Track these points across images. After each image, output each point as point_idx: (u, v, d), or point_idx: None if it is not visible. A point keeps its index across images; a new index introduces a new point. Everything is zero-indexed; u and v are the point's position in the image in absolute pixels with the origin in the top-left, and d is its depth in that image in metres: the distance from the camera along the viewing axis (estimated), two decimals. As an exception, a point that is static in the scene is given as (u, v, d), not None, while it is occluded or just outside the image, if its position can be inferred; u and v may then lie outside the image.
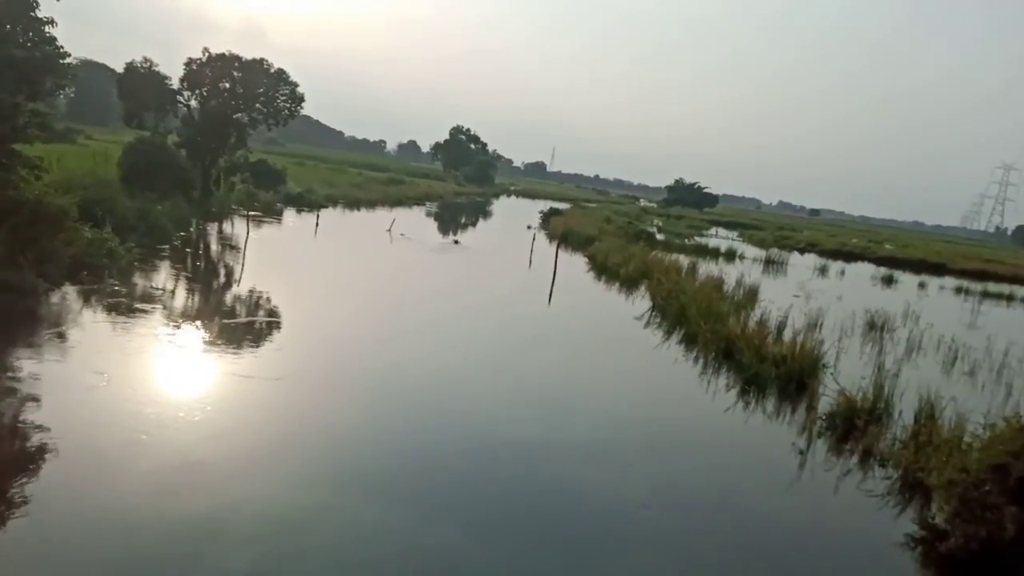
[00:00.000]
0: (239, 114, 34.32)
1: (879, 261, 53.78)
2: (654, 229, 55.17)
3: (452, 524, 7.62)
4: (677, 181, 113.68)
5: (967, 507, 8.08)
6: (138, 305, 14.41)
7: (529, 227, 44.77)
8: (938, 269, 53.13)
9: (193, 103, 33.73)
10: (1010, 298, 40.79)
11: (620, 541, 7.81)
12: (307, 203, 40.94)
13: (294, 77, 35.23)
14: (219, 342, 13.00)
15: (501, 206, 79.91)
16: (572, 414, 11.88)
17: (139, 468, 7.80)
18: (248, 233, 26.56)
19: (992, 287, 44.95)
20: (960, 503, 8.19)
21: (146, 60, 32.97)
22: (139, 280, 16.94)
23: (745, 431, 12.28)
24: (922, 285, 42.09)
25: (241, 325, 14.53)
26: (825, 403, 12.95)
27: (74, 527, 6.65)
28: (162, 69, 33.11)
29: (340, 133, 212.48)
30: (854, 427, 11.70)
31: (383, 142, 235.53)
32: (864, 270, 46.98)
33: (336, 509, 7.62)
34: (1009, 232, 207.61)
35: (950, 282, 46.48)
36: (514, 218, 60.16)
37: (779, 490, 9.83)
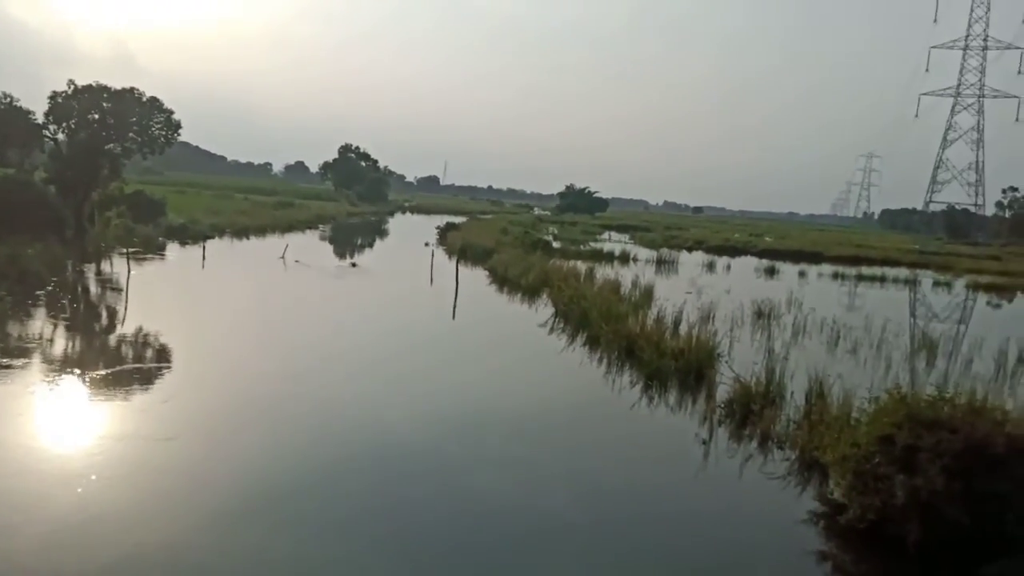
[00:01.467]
0: (111, 144, 32.66)
1: (761, 254, 56.50)
2: (550, 237, 56.02)
3: (376, 543, 7.47)
4: (568, 187, 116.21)
5: (861, 480, 8.59)
6: (13, 359, 13.34)
7: (427, 244, 44.57)
8: (815, 257, 56.36)
9: (60, 136, 31.88)
10: (882, 279, 43.77)
11: (538, 543, 7.87)
12: (191, 235, 39.24)
13: (169, 103, 33.97)
14: (104, 394, 12.05)
15: (397, 224, 79.21)
16: (484, 426, 11.89)
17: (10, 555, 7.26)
18: (129, 272, 25.25)
19: (865, 270, 48.18)
20: (854, 476, 8.70)
21: (6, 95, 30.99)
22: (13, 331, 15.82)
23: (651, 425, 12.64)
24: (802, 274, 44.61)
25: (126, 374, 13.60)
26: (723, 391, 13.51)
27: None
28: (25, 104, 31.21)
29: (223, 158, 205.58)
30: (751, 412, 12.25)
31: (269, 164, 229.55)
32: (748, 263, 49.28)
33: (246, 549, 7.33)
34: (876, 216, 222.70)
35: (827, 269, 49.43)
36: (411, 235, 59.77)
37: (687, 480, 10.17)
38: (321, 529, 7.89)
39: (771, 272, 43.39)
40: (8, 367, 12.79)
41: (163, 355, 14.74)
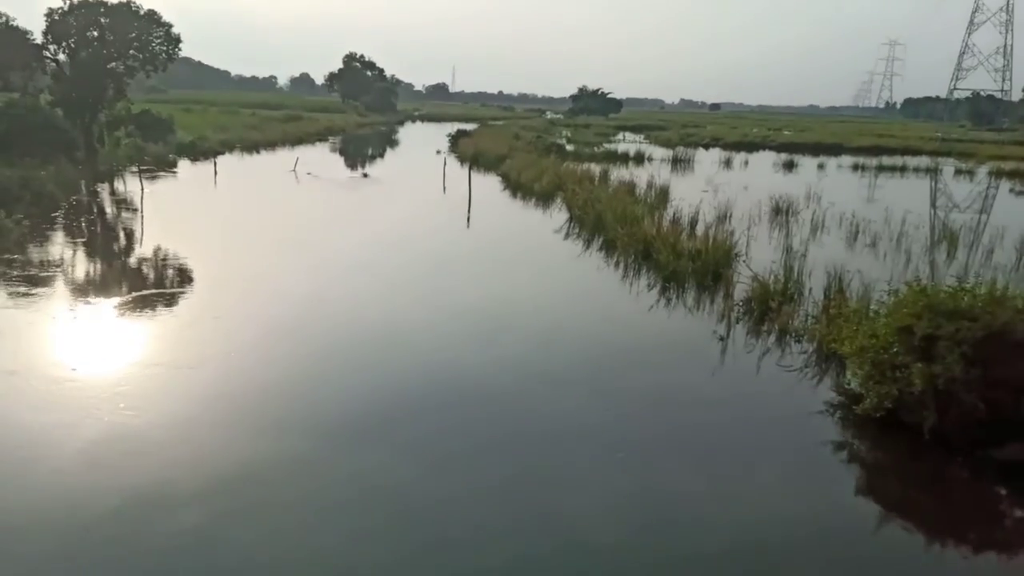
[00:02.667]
0: (113, 63, 32.04)
1: (779, 148, 55.39)
2: (563, 140, 55.09)
3: (399, 445, 7.71)
4: (581, 89, 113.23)
5: (878, 369, 8.66)
6: (34, 286, 13.52)
7: (439, 152, 44.00)
8: (835, 150, 55.19)
9: (62, 57, 31.29)
10: (903, 169, 42.91)
11: (557, 440, 8.08)
12: (201, 152, 39.00)
13: (167, 17, 33.01)
14: (127, 320, 12.07)
15: (407, 133, 78.07)
16: (504, 330, 12.02)
17: (70, 443, 7.54)
18: (143, 191, 25.25)
19: (886, 160, 47.16)
20: (872, 367, 8.77)
21: (1, 15, 30.22)
22: (33, 255, 15.99)
23: (669, 326, 12.72)
24: (821, 167, 43.77)
25: (148, 298, 13.80)
26: (740, 290, 13.51)
27: (10, 515, 6.42)
28: (21, 23, 30.47)
29: (227, 73, 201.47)
30: (769, 309, 12.27)
31: (274, 78, 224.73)
32: (766, 158, 48.37)
33: (286, 457, 7.58)
34: (898, 106, 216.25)
35: (847, 160, 48.43)
36: (422, 144, 58.98)
37: (704, 376, 10.30)
38: (344, 439, 8.13)
39: (790, 166, 42.62)
40: (30, 294, 12.95)
41: (183, 276, 14.87)
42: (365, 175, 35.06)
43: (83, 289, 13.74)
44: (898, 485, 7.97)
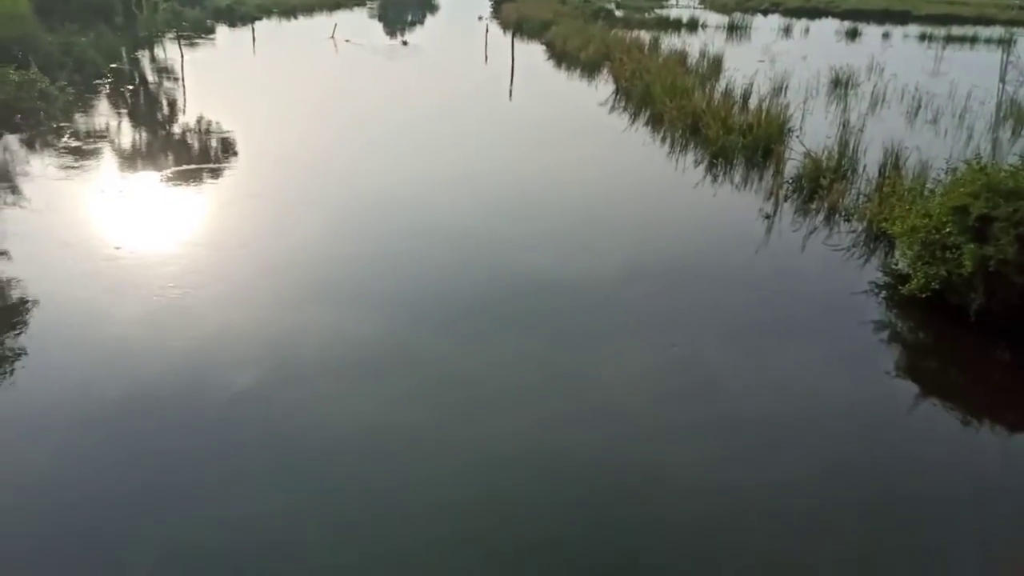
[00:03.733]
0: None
1: (843, 15, 52.04)
2: (612, 5, 52.45)
3: (439, 317, 7.92)
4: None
5: (928, 250, 8.47)
6: (79, 158, 13.67)
7: (480, 18, 42.39)
8: (902, 17, 51.68)
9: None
10: (973, 40, 40.15)
11: (599, 310, 8.19)
12: (238, 16, 38.18)
13: None
14: (175, 195, 12.04)
15: (447, -2, 75.07)
16: (544, 205, 11.95)
17: (126, 312, 7.89)
18: (183, 58, 25.00)
19: (956, 30, 44.10)
20: (922, 247, 8.57)
21: None
22: (81, 121, 16.14)
23: (714, 204, 12.50)
24: (886, 36, 41.19)
25: (194, 172, 13.92)
26: (791, 167, 13.13)
27: (77, 371, 6.83)
28: None
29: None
30: (819, 187, 11.93)
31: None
32: (828, 26, 45.61)
33: (328, 330, 7.85)
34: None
35: (914, 30, 45.41)
36: (464, 8, 56.72)
37: (747, 254, 10.19)
38: (384, 312, 8.33)
39: (853, 35, 40.20)
40: (77, 166, 13.10)
41: (227, 148, 14.83)
42: (404, 43, 34.11)
43: (130, 161, 13.84)
44: (938, 365, 7.98)
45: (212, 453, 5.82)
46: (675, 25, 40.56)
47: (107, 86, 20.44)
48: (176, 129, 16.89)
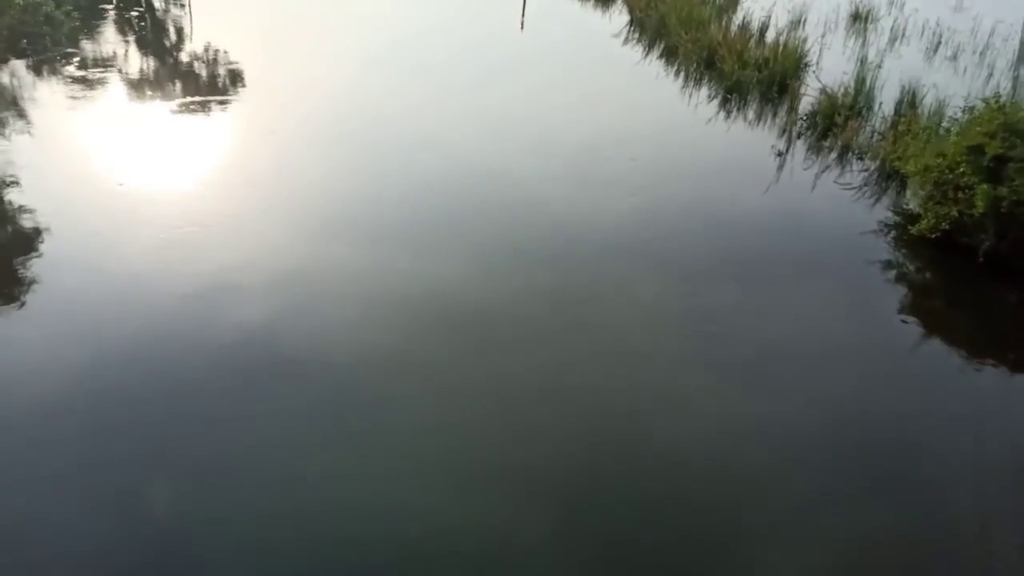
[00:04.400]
0: None
1: (867, -55, 50.23)
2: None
3: (451, 253, 7.99)
4: None
5: (941, 190, 8.44)
6: (90, 88, 13.45)
7: (491, -56, 41.02)
8: (929, -53, 49.89)
9: None
10: (1001, -28, 38.82)
11: (608, 249, 8.25)
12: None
13: None
14: (187, 126, 11.93)
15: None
16: (554, 140, 11.85)
17: (140, 242, 7.98)
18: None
19: (984, -38, 42.59)
20: (934, 187, 8.54)
21: None
22: (87, 47, 15.94)
23: (726, 140, 12.38)
24: (910, -33, 39.84)
25: (204, 103, 13.73)
26: (806, 103, 12.94)
27: (89, 300, 6.97)
28: None
29: None
30: (834, 124, 11.79)
31: None
32: (850, -43, 44.09)
33: (339, 254, 7.93)
34: None
35: (940, -39, 43.88)
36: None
37: (757, 191, 10.17)
38: (395, 245, 8.40)
39: (874, -32, 38.93)
40: (85, 96, 12.90)
41: (235, 80, 14.60)
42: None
43: (138, 91, 13.62)
44: (944, 305, 8.05)
45: (227, 382, 5.99)
46: (692, -46, 39.29)
47: (113, 11, 20.07)
48: (184, 58, 16.62)
